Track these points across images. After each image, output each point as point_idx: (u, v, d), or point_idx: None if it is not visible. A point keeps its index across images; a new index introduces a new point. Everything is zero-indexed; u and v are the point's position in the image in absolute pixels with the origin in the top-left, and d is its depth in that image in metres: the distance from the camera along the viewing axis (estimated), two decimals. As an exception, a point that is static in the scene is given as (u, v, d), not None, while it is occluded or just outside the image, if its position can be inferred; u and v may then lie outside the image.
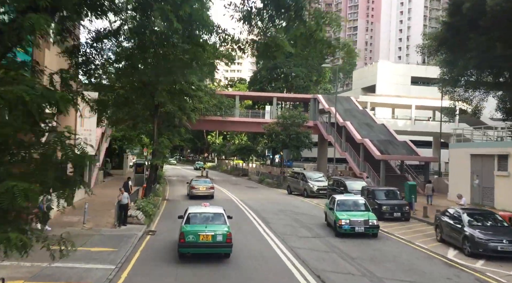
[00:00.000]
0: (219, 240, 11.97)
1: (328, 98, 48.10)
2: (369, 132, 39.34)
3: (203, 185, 29.03)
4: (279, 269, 12.04)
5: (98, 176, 36.28)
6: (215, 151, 78.21)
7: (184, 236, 11.98)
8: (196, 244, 11.94)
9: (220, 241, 11.98)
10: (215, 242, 11.96)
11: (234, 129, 52.05)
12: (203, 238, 11.92)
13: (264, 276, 11.30)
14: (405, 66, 64.13)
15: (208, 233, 11.99)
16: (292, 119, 40.19)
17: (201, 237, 11.92)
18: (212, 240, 11.94)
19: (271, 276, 11.29)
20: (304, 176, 31.83)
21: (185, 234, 12.00)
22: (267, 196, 32.46)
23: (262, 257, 13.30)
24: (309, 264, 12.49)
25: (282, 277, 11.25)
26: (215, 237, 11.95)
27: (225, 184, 43.07)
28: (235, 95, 48.17)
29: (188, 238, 11.93)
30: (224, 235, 12.04)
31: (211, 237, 11.95)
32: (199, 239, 11.91)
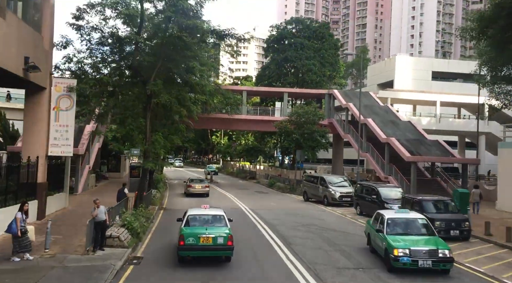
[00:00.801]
0: (220, 242, 11.65)
1: (345, 94, 43.67)
2: (395, 131, 34.83)
3: (199, 184, 31.32)
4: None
5: (88, 180, 32.06)
6: (220, 152, 73.93)
7: (183, 238, 11.63)
8: (196, 246, 11.64)
9: (221, 243, 11.66)
10: (216, 244, 11.65)
11: (241, 128, 47.67)
12: (203, 240, 11.62)
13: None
14: (425, 60, 59.55)
15: (208, 235, 11.67)
16: (306, 116, 35.79)
17: (201, 239, 11.62)
18: (213, 242, 11.63)
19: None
20: (324, 181, 27.39)
21: (185, 236, 11.65)
22: (281, 203, 28.06)
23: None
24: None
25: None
26: (216, 239, 11.64)
27: (231, 189, 38.69)
28: (242, 91, 43.83)
29: (188, 240, 11.60)
30: (225, 237, 11.71)
31: (212, 240, 11.64)
32: (200, 242, 11.61)
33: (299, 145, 36.26)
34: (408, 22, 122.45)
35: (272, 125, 44.05)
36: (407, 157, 29.96)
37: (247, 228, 18.91)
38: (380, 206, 20.44)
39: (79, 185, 28.77)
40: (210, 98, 39.27)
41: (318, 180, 28.09)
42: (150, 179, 25.91)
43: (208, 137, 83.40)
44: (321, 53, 49.37)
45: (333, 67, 50.42)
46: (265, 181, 45.74)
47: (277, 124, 37.07)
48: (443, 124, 44.95)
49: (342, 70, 55.24)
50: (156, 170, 28.74)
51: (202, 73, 23.05)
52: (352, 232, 17.73)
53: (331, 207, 25.90)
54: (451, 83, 56.03)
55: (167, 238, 16.05)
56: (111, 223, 15.63)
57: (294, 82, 50.01)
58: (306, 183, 29.62)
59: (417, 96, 46.47)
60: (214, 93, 39.26)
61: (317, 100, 48.11)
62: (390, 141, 32.37)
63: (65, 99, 18.37)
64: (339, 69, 51.72)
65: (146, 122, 19.48)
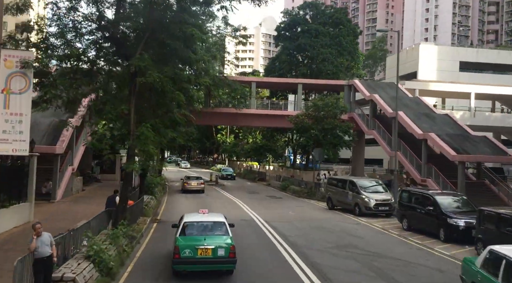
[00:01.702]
0: (220, 254, 10.21)
1: (368, 84, 38.64)
2: (431, 125, 29.74)
3: (195, 181, 32.82)
4: None
5: (72, 184, 27.30)
6: (225, 151, 69.02)
7: (179, 250, 10.16)
8: (193, 260, 10.19)
9: (222, 255, 10.22)
10: (216, 257, 10.20)
11: (250, 124, 42.73)
12: (201, 252, 10.19)
13: None
14: (452, 49, 54.39)
15: (207, 246, 10.22)
16: (326, 108, 30.77)
17: (199, 251, 10.19)
18: (213, 255, 10.19)
19: None
20: (354, 185, 22.39)
21: (180, 248, 10.18)
22: (301, 212, 23.11)
23: None
24: None
25: None
26: (216, 251, 10.19)
27: (239, 193, 33.77)
28: (250, 82, 38.91)
29: (183, 253, 10.14)
30: (227, 248, 10.28)
31: (211, 251, 10.19)
32: (197, 254, 10.18)
33: (317, 142, 31.28)
34: (422, 15, 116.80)
35: (284, 120, 39.05)
36: (453, 156, 24.90)
37: (264, 250, 14.05)
38: (440, 221, 15.46)
39: (58, 190, 23.99)
40: (215, 90, 34.51)
41: (346, 184, 23.09)
42: (142, 184, 21.07)
43: (212, 135, 78.55)
44: (339, 40, 44.21)
45: (352, 56, 45.27)
46: (276, 184, 40.82)
47: (292, 119, 32.11)
48: (479, 118, 39.80)
49: (361, 59, 50.10)
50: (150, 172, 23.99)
51: (204, 37, 17.87)
52: (414, 261, 12.73)
53: (365, 218, 20.88)
54: (481, 74, 50.78)
55: (155, 271, 11.22)
56: (72, 252, 10.82)
57: (307, 73, 44.98)
58: (331, 188, 24.62)
59: (448, 87, 41.32)
60: (219, 83, 34.48)
61: (334, 93, 43.06)
62: (428, 137, 27.31)
63: (19, 78, 13.61)
64: (358, 59, 46.60)
65: (130, 111, 14.60)
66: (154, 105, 15.90)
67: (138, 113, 15.39)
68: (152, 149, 14.48)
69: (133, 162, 14.46)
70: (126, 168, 14.30)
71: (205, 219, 11.35)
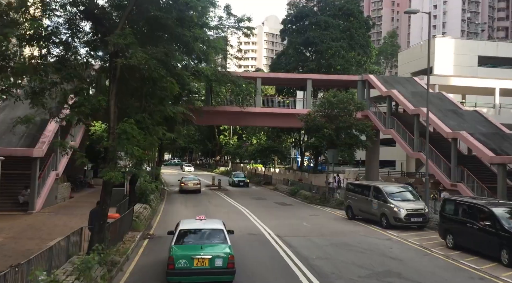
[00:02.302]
0: (218, 265, 9.54)
1: (384, 79, 35.44)
2: (461, 123, 26.53)
3: (192, 181, 34.48)
4: None
5: (57, 191, 24.23)
6: (228, 153, 65.88)
7: (173, 261, 9.45)
8: (189, 271, 9.49)
9: (219, 266, 9.54)
10: (213, 267, 9.53)
11: (255, 123, 39.56)
12: (198, 263, 9.52)
13: None
14: (470, 42, 51.10)
15: (204, 256, 9.58)
16: (341, 105, 27.59)
17: (195, 261, 9.52)
18: (210, 265, 9.53)
19: None
20: (380, 192, 19.17)
21: (175, 258, 9.49)
22: (319, 224, 19.89)
23: None
24: None
25: None
26: (213, 261, 9.53)
27: (244, 199, 30.60)
28: (255, 78, 35.76)
29: (178, 263, 9.45)
30: (225, 258, 9.60)
31: (209, 262, 9.53)
32: (193, 265, 9.50)
33: (331, 143, 28.10)
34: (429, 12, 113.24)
35: (292, 119, 35.93)
36: (491, 158, 21.68)
37: (278, 277, 10.89)
38: (502, 240, 12.23)
39: (38, 199, 20.88)
40: (217, 86, 31.42)
41: (370, 191, 19.86)
42: (132, 192, 17.94)
43: (215, 136, 75.42)
44: (350, 33, 40.95)
45: (364, 50, 42.04)
46: (284, 188, 37.64)
47: (303, 117, 28.90)
48: (504, 116, 36.53)
49: (374, 54, 46.83)
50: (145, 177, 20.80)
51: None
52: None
53: (395, 232, 17.65)
54: (502, 69, 47.44)
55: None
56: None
57: (316, 69, 41.78)
58: (351, 195, 21.37)
59: (470, 82, 38.03)
60: (221, 78, 31.41)
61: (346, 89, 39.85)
62: (459, 136, 24.09)
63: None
64: (370, 53, 43.35)
65: (109, 102, 11.47)
66: (141, 96, 12.77)
67: (121, 106, 12.28)
68: (138, 151, 11.35)
69: (113, 168, 11.30)
70: (103, 177, 11.13)
71: (202, 226, 10.74)
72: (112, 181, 11.04)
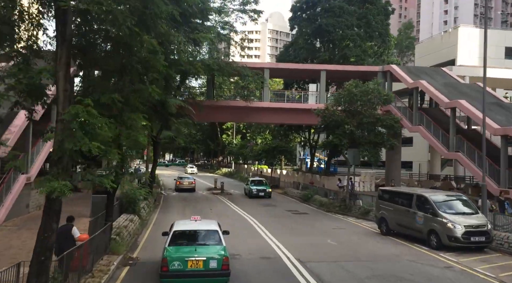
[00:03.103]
0: (212, 267, 9.37)
1: (409, 70, 31.39)
2: (509, 117, 22.43)
3: (186, 180, 35.84)
4: None
5: (25, 198, 20.27)
6: (232, 153, 61.86)
7: (167, 263, 9.29)
8: (183, 273, 9.30)
9: (214, 268, 9.38)
10: (207, 269, 9.35)
11: (262, 120, 35.51)
12: (192, 265, 9.33)
13: None
14: (498, 32, 46.91)
15: (198, 258, 9.39)
16: (364, 98, 23.56)
17: (189, 263, 9.32)
18: (204, 267, 9.34)
19: None
20: (426, 202, 15.13)
21: (169, 260, 9.32)
22: (348, 242, 15.81)
23: None
24: None
25: None
26: (208, 262, 9.35)
27: (251, 206, 26.58)
28: (263, 68, 31.75)
29: (172, 265, 9.28)
30: (220, 259, 9.43)
31: (203, 263, 9.34)
32: (187, 267, 9.30)
33: (352, 141, 24.07)
34: (440, 7, 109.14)
35: (304, 115, 32.05)
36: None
37: None
38: None
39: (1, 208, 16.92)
40: (220, 76, 27.50)
41: (412, 200, 15.80)
42: (109, 204, 13.93)
43: (217, 136, 71.47)
44: (367, 20, 36.83)
45: (383, 39, 37.94)
46: (295, 193, 33.61)
47: (320, 111, 24.87)
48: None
49: (393, 44, 42.70)
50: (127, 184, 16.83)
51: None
52: None
53: (452, 255, 13.58)
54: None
55: None
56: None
57: (329, 60, 37.73)
58: (385, 204, 17.29)
59: (504, 73, 33.91)
60: (225, 68, 27.49)
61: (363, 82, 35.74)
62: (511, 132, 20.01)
63: None
64: (389, 43, 39.20)
65: (56, 74, 7.49)
66: (111, 72, 8.78)
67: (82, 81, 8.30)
68: (100, 149, 7.37)
69: (61, 175, 7.30)
70: (38, 188, 7.13)
71: (197, 227, 10.67)
72: (56, 196, 7.04)
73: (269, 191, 31.41)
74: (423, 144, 41.12)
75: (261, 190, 31.19)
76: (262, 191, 31.19)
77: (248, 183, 33.04)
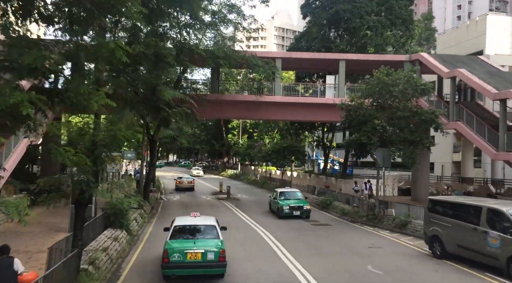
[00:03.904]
0: (210, 258, 10.17)
1: (442, 58, 27.55)
2: None
3: (186, 180, 37.64)
4: None
5: (-4, 210, 16.63)
6: (238, 154, 58.21)
7: (168, 254, 10.15)
8: (182, 264, 10.11)
9: (211, 259, 10.18)
10: (205, 261, 10.17)
11: (274, 116, 31.72)
12: (191, 256, 10.15)
13: None
14: (529, 20, 42.86)
15: (197, 250, 10.22)
16: (398, 87, 19.82)
17: (188, 255, 10.15)
18: (202, 259, 10.17)
19: None
20: (504, 218, 11.35)
21: (169, 252, 10.18)
22: (395, 269, 11.98)
23: None
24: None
25: None
26: (206, 255, 10.18)
27: (263, 214, 22.88)
28: (274, 58, 28.07)
29: (172, 257, 10.12)
30: (217, 252, 10.23)
31: (201, 255, 10.17)
32: (186, 258, 10.13)
33: (383, 139, 20.35)
34: (453, 2, 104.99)
35: (322, 111, 28.48)
36: None
37: None
38: None
39: None
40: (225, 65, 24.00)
41: (481, 215, 12.00)
42: (78, 222, 10.27)
43: (222, 135, 67.87)
44: (389, 4, 33.00)
45: (407, 26, 34.10)
46: (310, 198, 29.78)
47: (345, 105, 21.13)
48: None
49: (417, 32, 38.83)
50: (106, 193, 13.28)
51: None
52: None
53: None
54: None
55: None
56: None
57: (347, 50, 34.01)
58: (438, 219, 13.50)
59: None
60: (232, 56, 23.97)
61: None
62: None
63: None
64: (413, 31, 35.31)
65: None
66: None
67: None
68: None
69: None
70: None
71: (196, 223, 11.35)
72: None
73: (307, 209, 21.44)
74: (446, 143, 37.35)
75: (296, 207, 21.35)
76: (298, 208, 21.29)
77: (276, 196, 23.03)
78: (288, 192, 23.59)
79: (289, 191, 23.81)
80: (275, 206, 22.74)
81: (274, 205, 22.96)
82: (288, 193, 23.19)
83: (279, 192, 23.39)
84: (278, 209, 21.85)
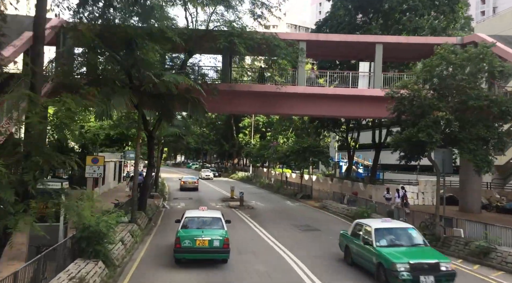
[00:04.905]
0: (216, 245, 11.78)
1: (505, 39, 22.66)
2: None
3: (190, 180, 38.52)
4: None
5: None
6: (250, 155, 53.60)
7: (180, 241, 11.81)
8: (192, 249, 11.76)
9: (217, 246, 11.78)
10: (212, 247, 11.77)
11: (295, 111, 26.74)
12: (199, 243, 11.76)
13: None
14: None
15: (204, 238, 11.81)
16: (469, 68, 15.05)
17: (197, 242, 11.76)
18: (209, 245, 11.77)
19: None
20: None
21: (181, 239, 11.83)
22: None
23: None
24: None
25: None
26: (212, 242, 11.80)
27: (286, 231, 17.99)
28: (298, 41, 23.35)
29: (184, 243, 11.76)
30: (221, 240, 11.85)
31: (208, 242, 11.78)
32: (196, 244, 11.74)
33: (447, 135, 15.58)
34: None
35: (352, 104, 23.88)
36: None
37: None
38: None
39: None
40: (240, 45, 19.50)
41: None
42: None
43: (232, 135, 63.32)
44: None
45: (451, 7, 29.10)
46: (339, 208, 25.10)
47: (393, 93, 16.37)
48: None
49: (462, 15, 33.79)
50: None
51: None
52: None
53: None
54: None
55: None
56: None
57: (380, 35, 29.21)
58: None
59: None
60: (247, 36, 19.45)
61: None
62: None
63: None
64: (457, 15, 30.29)
65: None
66: None
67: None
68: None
69: None
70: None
71: (204, 215, 13.08)
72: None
73: (449, 271, 10.02)
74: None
75: (426, 266, 10.01)
76: (430, 270, 9.91)
77: (366, 236, 11.65)
78: (392, 229, 11.75)
79: (393, 228, 11.81)
80: (367, 256, 11.34)
81: (362, 252, 11.65)
82: (394, 233, 11.60)
83: (373, 230, 11.41)
84: (380, 268, 10.41)
